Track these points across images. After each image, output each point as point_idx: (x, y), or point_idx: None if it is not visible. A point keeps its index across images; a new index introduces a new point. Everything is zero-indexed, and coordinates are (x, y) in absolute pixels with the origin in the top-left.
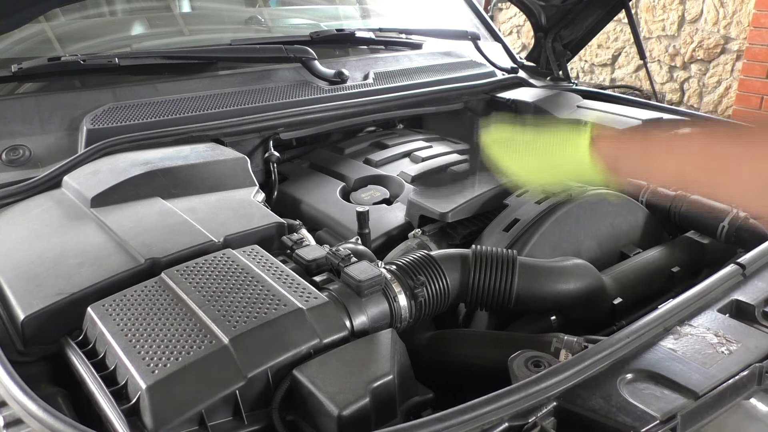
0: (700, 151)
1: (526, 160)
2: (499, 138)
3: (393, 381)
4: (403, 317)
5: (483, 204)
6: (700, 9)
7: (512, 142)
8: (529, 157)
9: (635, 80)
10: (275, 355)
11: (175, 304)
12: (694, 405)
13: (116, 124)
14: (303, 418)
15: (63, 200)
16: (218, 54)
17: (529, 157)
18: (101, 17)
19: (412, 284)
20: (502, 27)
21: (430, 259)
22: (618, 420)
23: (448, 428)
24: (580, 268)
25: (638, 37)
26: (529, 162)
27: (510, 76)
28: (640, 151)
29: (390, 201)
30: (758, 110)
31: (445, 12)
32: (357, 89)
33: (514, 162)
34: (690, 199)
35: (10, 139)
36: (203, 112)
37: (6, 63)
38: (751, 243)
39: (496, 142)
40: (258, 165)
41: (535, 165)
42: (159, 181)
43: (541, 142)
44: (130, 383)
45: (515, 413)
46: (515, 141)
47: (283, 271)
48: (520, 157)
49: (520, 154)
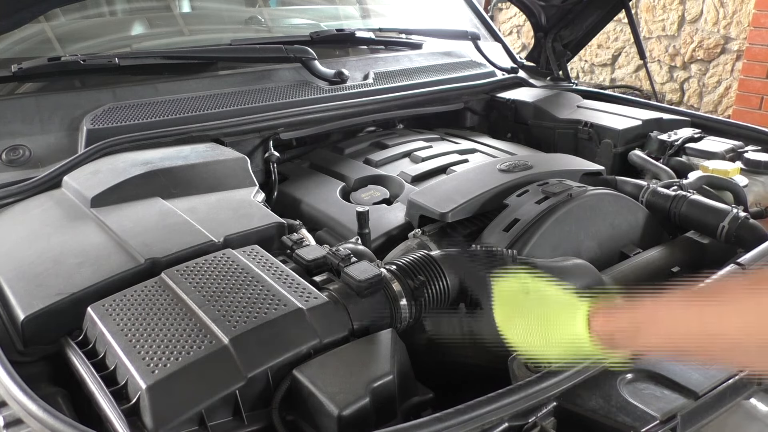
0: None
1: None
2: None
3: (393, 381)
4: (403, 317)
5: (483, 204)
6: (700, 9)
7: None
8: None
9: (635, 80)
10: (275, 355)
11: (175, 304)
12: (694, 405)
13: (116, 124)
14: (303, 418)
15: (63, 200)
16: (218, 54)
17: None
18: (101, 17)
19: (412, 284)
20: (502, 27)
21: (430, 259)
22: (618, 420)
23: (448, 428)
24: (580, 268)
25: (638, 37)
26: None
27: (510, 76)
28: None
29: (390, 201)
30: (758, 110)
31: (445, 12)
32: (357, 89)
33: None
34: (690, 199)
35: (10, 139)
36: (203, 112)
37: (6, 63)
38: (751, 243)
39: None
40: (258, 165)
41: (536, 335)
42: (159, 181)
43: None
44: (130, 383)
45: (515, 413)
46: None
47: (283, 271)
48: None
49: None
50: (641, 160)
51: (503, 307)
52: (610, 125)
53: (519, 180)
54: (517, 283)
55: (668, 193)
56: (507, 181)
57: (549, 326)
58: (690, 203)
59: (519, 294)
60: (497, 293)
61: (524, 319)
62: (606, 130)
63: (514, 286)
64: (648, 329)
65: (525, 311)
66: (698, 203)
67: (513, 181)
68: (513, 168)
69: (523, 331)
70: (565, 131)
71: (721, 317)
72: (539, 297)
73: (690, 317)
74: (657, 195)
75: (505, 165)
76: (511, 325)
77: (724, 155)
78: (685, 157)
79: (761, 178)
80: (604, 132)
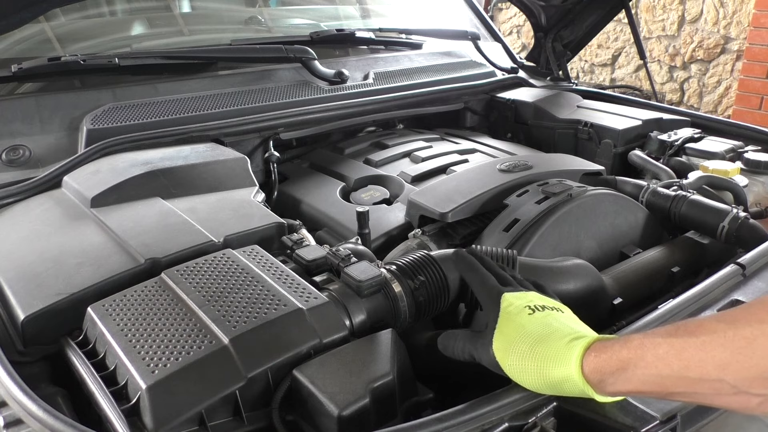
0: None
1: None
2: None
3: (393, 381)
4: (403, 317)
5: (483, 204)
6: (700, 9)
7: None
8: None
9: (635, 80)
10: (275, 355)
11: (175, 305)
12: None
13: (116, 124)
14: (303, 418)
15: (63, 200)
16: (218, 54)
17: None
18: (101, 17)
19: (412, 284)
20: (502, 27)
21: (429, 259)
22: (618, 420)
23: (448, 428)
24: (580, 268)
25: (638, 37)
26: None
27: (510, 76)
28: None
29: (390, 201)
30: (758, 110)
31: (445, 12)
32: (357, 89)
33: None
34: (690, 199)
35: (10, 139)
36: (203, 112)
37: (6, 63)
38: (751, 243)
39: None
40: (258, 165)
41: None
42: (159, 181)
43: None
44: (130, 383)
45: (515, 413)
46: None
47: (283, 271)
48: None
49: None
50: (641, 160)
51: (505, 328)
52: (610, 125)
53: (519, 180)
54: (524, 300)
55: (668, 193)
56: (507, 181)
57: (544, 362)
58: (690, 203)
59: (524, 313)
60: (503, 309)
61: (522, 346)
62: (606, 130)
63: (520, 303)
64: (635, 371)
65: (524, 336)
66: (698, 203)
67: (513, 181)
68: (513, 168)
69: (519, 362)
70: (565, 131)
71: (702, 353)
72: (543, 320)
73: (672, 356)
74: (657, 195)
75: (505, 165)
76: (509, 353)
77: (724, 155)
78: (685, 157)
79: (761, 178)
80: (604, 132)
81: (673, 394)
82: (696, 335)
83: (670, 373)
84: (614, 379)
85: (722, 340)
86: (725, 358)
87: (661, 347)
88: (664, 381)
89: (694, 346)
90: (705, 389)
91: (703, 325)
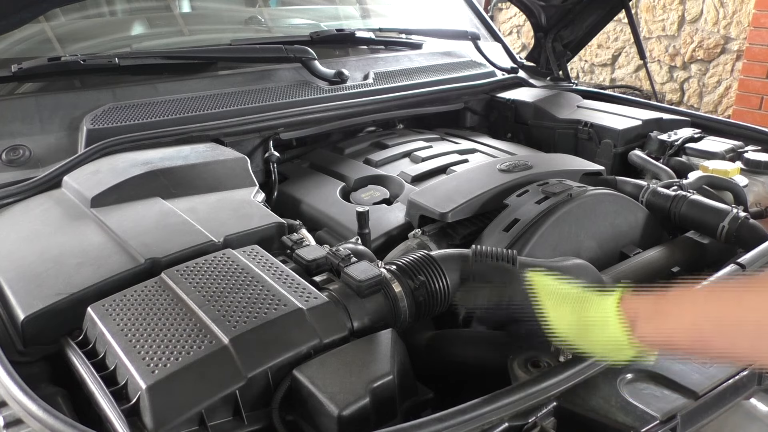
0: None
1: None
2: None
3: (393, 381)
4: (403, 317)
5: (483, 204)
6: (700, 9)
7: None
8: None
9: (635, 80)
10: (275, 355)
11: (175, 304)
12: (694, 405)
13: (116, 124)
14: (303, 418)
15: (63, 200)
16: (218, 54)
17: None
18: (101, 17)
19: (412, 284)
20: (502, 27)
21: (429, 259)
22: (618, 420)
23: (448, 428)
24: (580, 268)
25: (638, 37)
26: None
27: (510, 76)
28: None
29: (390, 201)
30: (758, 110)
31: (445, 12)
32: (357, 89)
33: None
34: (690, 199)
35: (10, 139)
36: (203, 112)
37: (6, 63)
38: (751, 243)
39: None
40: (258, 165)
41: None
42: (159, 181)
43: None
44: (130, 383)
45: (515, 413)
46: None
47: (283, 271)
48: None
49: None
50: (641, 160)
51: (536, 276)
52: (610, 125)
53: (519, 180)
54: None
55: (668, 193)
56: (507, 181)
57: (580, 301)
58: (690, 203)
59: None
60: (538, 284)
61: (557, 285)
62: (606, 130)
63: (547, 280)
64: (669, 317)
65: (558, 282)
66: (698, 203)
67: (513, 181)
68: (513, 168)
69: (553, 299)
70: (565, 131)
71: (743, 306)
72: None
73: (710, 303)
74: (657, 195)
75: (505, 165)
76: (543, 288)
77: (724, 155)
78: (685, 157)
79: (761, 178)
80: (604, 132)
81: (709, 345)
82: (732, 289)
83: (706, 319)
84: (648, 324)
85: (761, 284)
86: (762, 301)
87: (699, 295)
88: (701, 328)
89: (731, 294)
90: (744, 336)
91: (738, 282)
